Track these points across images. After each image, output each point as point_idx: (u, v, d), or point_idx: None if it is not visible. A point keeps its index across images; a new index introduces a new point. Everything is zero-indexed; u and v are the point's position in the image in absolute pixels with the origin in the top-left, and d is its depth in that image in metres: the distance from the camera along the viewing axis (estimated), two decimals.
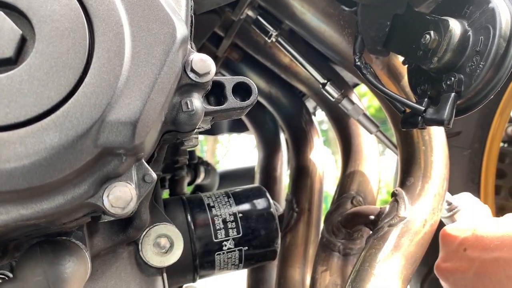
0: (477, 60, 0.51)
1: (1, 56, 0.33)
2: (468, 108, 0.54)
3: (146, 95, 0.35)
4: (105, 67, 0.35)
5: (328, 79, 0.82)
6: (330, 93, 0.82)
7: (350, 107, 0.82)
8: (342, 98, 0.82)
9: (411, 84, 0.63)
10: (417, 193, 0.69)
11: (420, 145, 0.72)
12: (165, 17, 0.38)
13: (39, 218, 0.35)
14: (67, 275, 0.39)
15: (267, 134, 1.19)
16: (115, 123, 0.34)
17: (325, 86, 0.82)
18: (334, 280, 0.75)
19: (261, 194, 0.72)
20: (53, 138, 0.33)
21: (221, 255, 0.65)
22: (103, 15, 0.36)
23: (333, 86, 0.83)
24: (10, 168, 0.32)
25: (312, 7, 0.72)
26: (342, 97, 0.82)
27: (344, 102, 0.82)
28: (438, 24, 0.53)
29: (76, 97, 0.34)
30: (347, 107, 0.82)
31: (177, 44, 0.37)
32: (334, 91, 0.82)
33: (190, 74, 0.40)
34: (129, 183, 0.37)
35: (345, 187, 0.85)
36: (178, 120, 0.40)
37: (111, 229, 0.52)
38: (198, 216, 0.65)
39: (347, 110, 0.83)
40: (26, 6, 0.35)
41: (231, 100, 0.44)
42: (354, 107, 0.82)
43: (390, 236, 0.65)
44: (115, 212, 0.36)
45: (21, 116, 0.33)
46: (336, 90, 0.82)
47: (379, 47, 0.63)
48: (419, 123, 0.57)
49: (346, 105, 0.82)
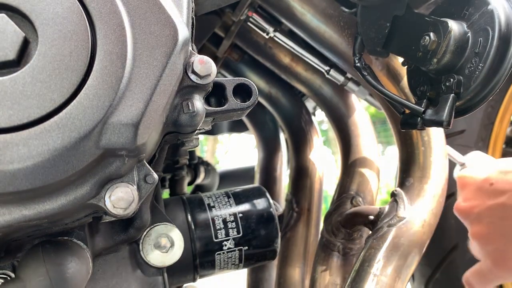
0: (476, 62, 0.51)
1: (4, 58, 0.34)
2: (467, 109, 0.54)
3: (148, 97, 0.36)
4: (107, 69, 0.35)
5: (331, 65, 0.84)
6: (336, 78, 0.84)
7: (356, 88, 0.84)
8: (348, 81, 0.84)
9: (410, 85, 0.63)
10: (416, 193, 0.69)
11: (420, 145, 0.73)
12: (167, 19, 0.38)
13: (42, 218, 0.35)
14: (69, 275, 0.39)
15: (267, 134, 1.20)
16: (117, 124, 0.35)
17: (329, 72, 0.84)
18: (333, 280, 0.75)
19: (261, 194, 0.72)
20: (56, 139, 0.33)
21: (221, 255, 0.65)
22: (105, 17, 0.36)
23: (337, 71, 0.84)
24: (13, 170, 0.32)
25: (312, 8, 0.72)
26: (348, 80, 0.84)
27: (349, 84, 0.84)
28: (438, 26, 0.54)
29: (79, 99, 0.34)
30: (353, 89, 0.85)
31: (178, 46, 0.38)
32: (339, 75, 0.84)
33: (191, 76, 0.40)
34: (131, 184, 0.37)
35: (345, 187, 0.85)
36: (179, 121, 0.40)
37: (112, 229, 0.52)
38: (198, 216, 0.66)
39: (354, 91, 0.85)
40: (29, 8, 0.35)
41: (231, 101, 0.45)
42: (360, 88, 0.84)
43: (389, 236, 0.65)
44: (116, 213, 0.36)
45: (24, 118, 0.33)
46: (340, 74, 0.84)
47: (378, 48, 0.64)
48: (418, 124, 0.57)
49: (352, 87, 0.84)
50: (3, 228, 0.35)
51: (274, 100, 1.07)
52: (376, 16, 0.62)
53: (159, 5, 0.38)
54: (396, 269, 0.62)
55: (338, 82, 0.84)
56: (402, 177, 0.73)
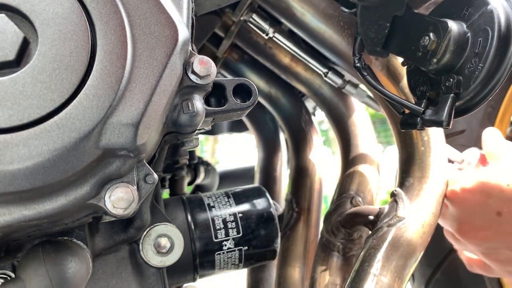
0: (475, 62, 0.51)
1: (4, 58, 0.34)
2: (467, 109, 0.54)
3: (147, 97, 0.36)
4: (107, 69, 0.35)
5: (329, 68, 0.84)
6: (334, 80, 0.84)
7: (354, 91, 0.84)
8: (346, 83, 0.84)
9: (410, 85, 0.63)
10: (416, 194, 0.69)
11: (419, 145, 0.73)
12: (167, 19, 0.38)
13: (42, 219, 0.35)
14: (69, 275, 0.39)
15: (267, 134, 1.20)
16: (117, 125, 0.35)
17: (327, 74, 0.84)
18: (333, 280, 0.75)
19: (261, 194, 0.72)
20: (56, 139, 0.33)
21: (221, 255, 0.65)
22: (105, 17, 0.36)
23: (335, 73, 0.84)
24: (13, 170, 0.32)
25: (312, 8, 0.72)
26: (346, 83, 0.84)
27: (347, 87, 0.84)
28: (437, 26, 0.54)
29: (79, 99, 0.34)
30: (351, 91, 0.85)
31: (178, 46, 0.38)
32: (337, 78, 0.84)
33: (191, 76, 0.40)
34: (131, 184, 0.37)
35: (345, 187, 0.85)
36: (179, 121, 0.41)
37: (112, 229, 0.52)
38: (198, 216, 0.66)
39: (352, 94, 0.85)
40: (29, 9, 0.35)
41: (231, 101, 0.45)
42: (358, 91, 0.84)
43: (389, 236, 0.65)
44: (116, 213, 0.36)
45: (24, 118, 0.33)
46: (338, 77, 0.84)
47: (378, 48, 0.64)
48: (418, 124, 0.57)
49: (350, 89, 0.85)
50: (3, 228, 0.35)
51: (274, 100, 1.07)
52: (376, 16, 0.62)
53: (159, 5, 0.38)
54: (396, 269, 0.62)
55: (336, 85, 0.84)
56: (402, 177, 0.73)
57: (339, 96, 0.96)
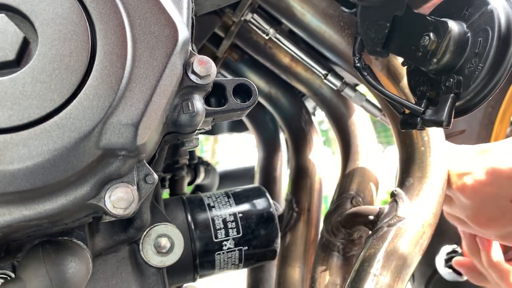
0: (475, 62, 0.51)
1: (4, 58, 0.34)
2: (467, 109, 0.54)
3: (148, 97, 0.36)
4: (107, 70, 0.35)
5: (329, 70, 0.84)
6: (333, 83, 0.84)
7: (352, 94, 0.84)
8: (345, 86, 0.84)
9: (410, 85, 0.63)
10: (416, 194, 0.69)
11: (419, 145, 0.73)
12: (167, 19, 0.38)
13: (42, 219, 0.35)
14: (69, 275, 0.39)
15: (267, 134, 1.20)
16: (117, 125, 0.35)
17: (326, 76, 0.84)
18: (333, 280, 0.75)
19: (261, 194, 0.72)
20: (56, 140, 0.33)
21: (221, 255, 0.65)
22: (105, 17, 0.36)
23: (334, 76, 0.84)
24: (13, 170, 0.32)
25: (312, 8, 0.72)
26: (344, 86, 0.84)
27: (346, 90, 0.84)
28: (437, 26, 0.54)
29: (79, 99, 0.34)
30: (350, 95, 0.85)
31: (178, 46, 0.38)
32: (336, 80, 0.84)
33: (191, 76, 0.40)
34: (131, 184, 0.37)
35: (345, 187, 0.85)
36: (179, 121, 0.41)
37: (112, 229, 0.52)
38: (198, 216, 0.66)
39: (350, 97, 0.85)
40: (29, 9, 0.35)
41: (231, 101, 0.45)
42: (357, 94, 0.84)
43: (389, 236, 0.65)
44: (116, 213, 0.36)
45: (24, 118, 0.33)
46: (338, 80, 0.84)
47: (378, 48, 0.64)
48: (418, 124, 0.57)
49: (349, 92, 0.84)
50: (3, 228, 0.35)
51: (274, 100, 1.07)
52: (376, 16, 0.62)
53: (159, 5, 0.38)
54: (396, 269, 0.62)
55: (335, 87, 0.84)
56: (402, 177, 0.73)
57: (339, 96, 0.96)
